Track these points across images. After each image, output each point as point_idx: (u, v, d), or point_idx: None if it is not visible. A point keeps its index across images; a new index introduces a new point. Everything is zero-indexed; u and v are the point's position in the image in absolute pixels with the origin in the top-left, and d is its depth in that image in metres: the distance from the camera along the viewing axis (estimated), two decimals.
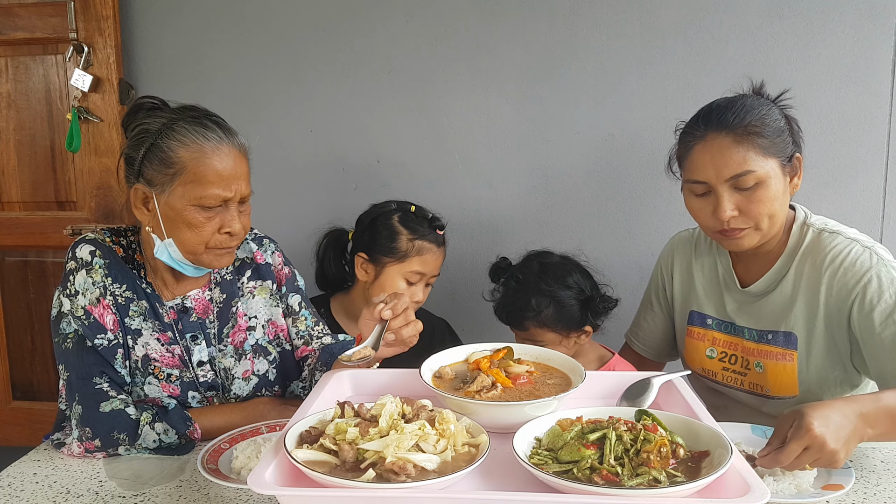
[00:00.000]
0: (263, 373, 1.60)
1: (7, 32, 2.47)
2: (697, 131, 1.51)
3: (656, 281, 1.83)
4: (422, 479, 0.96)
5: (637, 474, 0.97)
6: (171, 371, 1.50)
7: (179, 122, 1.43)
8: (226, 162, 1.43)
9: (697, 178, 1.50)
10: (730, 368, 1.65)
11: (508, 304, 1.78)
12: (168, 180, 1.42)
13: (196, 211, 1.42)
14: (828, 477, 1.24)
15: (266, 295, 1.65)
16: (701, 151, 1.49)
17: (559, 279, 1.76)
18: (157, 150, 1.42)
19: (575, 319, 1.75)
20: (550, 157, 2.30)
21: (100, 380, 1.42)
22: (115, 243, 1.54)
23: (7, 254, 2.68)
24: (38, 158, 2.58)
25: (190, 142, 1.41)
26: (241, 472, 1.25)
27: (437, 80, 2.32)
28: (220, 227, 1.45)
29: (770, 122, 1.48)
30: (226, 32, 2.39)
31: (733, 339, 1.64)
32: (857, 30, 2.10)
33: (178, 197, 1.42)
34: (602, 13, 2.21)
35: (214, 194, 1.42)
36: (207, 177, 1.41)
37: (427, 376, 1.26)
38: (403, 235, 1.87)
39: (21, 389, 2.76)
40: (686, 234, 1.80)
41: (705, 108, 1.55)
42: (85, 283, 1.46)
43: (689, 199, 1.56)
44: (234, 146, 1.46)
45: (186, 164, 1.41)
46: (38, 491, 1.25)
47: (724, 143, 1.46)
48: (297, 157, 2.40)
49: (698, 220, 1.56)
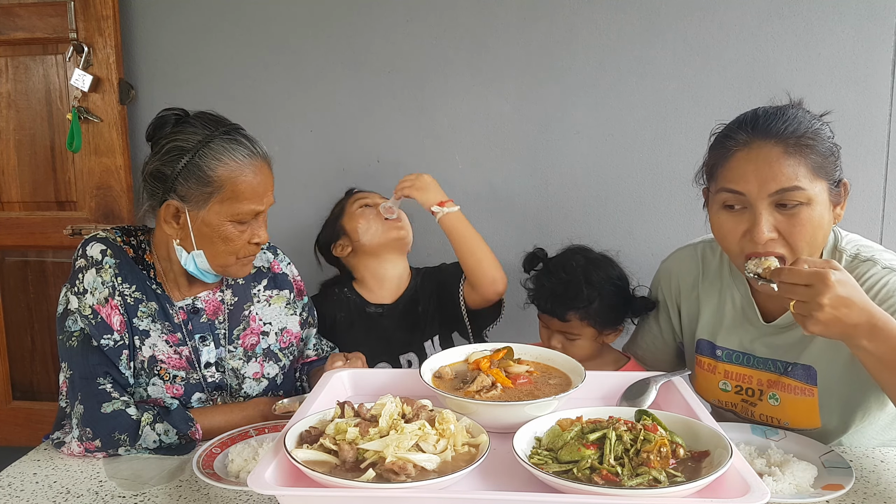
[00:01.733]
0: (273, 376, 1.62)
1: (7, 32, 2.47)
2: (741, 137, 1.34)
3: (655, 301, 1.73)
4: (422, 479, 0.96)
5: (637, 474, 0.97)
6: (178, 373, 1.50)
7: (216, 140, 1.44)
8: (259, 177, 1.47)
9: (736, 189, 1.32)
10: (748, 400, 1.53)
11: (557, 293, 1.71)
12: (205, 198, 1.44)
13: (232, 226, 1.46)
14: (828, 476, 1.23)
15: (282, 303, 1.68)
16: (744, 160, 1.32)
17: (605, 273, 1.74)
18: (195, 168, 1.43)
19: (614, 317, 1.74)
20: (550, 157, 2.30)
21: (103, 380, 1.42)
22: (126, 243, 1.53)
23: (7, 254, 2.68)
24: (38, 158, 2.58)
25: (228, 160, 1.44)
26: (240, 474, 1.25)
27: (437, 80, 2.32)
28: (249, 238, 1.49)
29: (824, 138, 1.32)
30: (226, 32, 2.39)
31: (748, 372, 1.51)
32: (857, 30, 2.10)
33: (215, 214, 1.45)
34: (602, 13, 2.21)
35: (250, 209, 1.46)
36: (245, 193, 1.45)
37: (427, 376, 1.26)
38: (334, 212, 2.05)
39: (21, 389, 2.76)
40: (686, 253, 1.66)
41: (750, 113, 1.38)
42: (94, 282, 1.45)
43: (719, 216, 1.38)
44: (264, 159, 1.49)
45: (224, 183, 1.43)
46: (38, 491, 1.25)
47: (773, 153, 1.29)
48: (297, 157, 2.40)
49: (725, 240, 1.37)
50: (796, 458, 1.27)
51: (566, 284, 1.70)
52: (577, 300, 1.69)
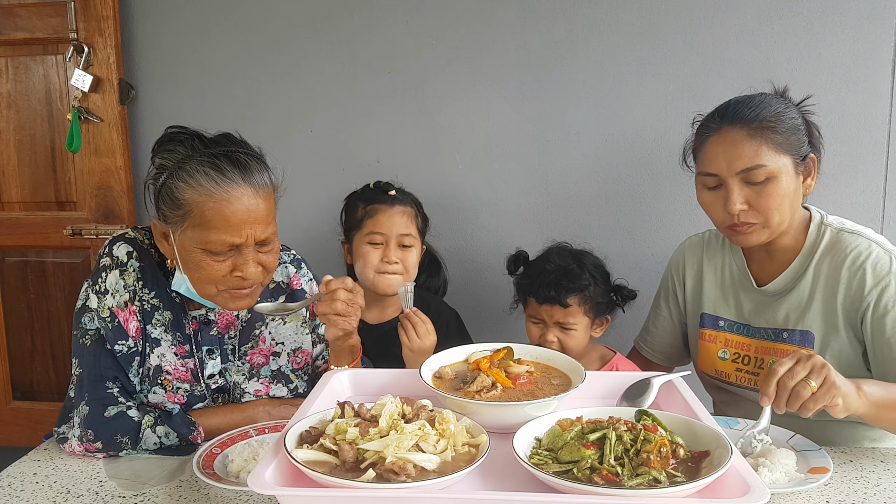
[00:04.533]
0: (279, 398, 1.58)
1: (7, 32, 2.47)
2: (713, 124, 1.52)
3: (666, 286, 1.82)
4: (422, 479, 0.96)
5: (637, 474, 0.97)
6: (181, 385, 1.48)
7: (192, 162, 1.35)
8: (235, 206, 1.33)
9: (709, 171, 1.51)
10: (743, 369, 1.64)
11: (557, 278, 1.75)
12: (179, 220, 1.36)
13: (203, 254, 1.36)
14: (806, 460, 1.28)
15: (298, 322, 1.61)
16: (714, 144, 1.50)
17: (593, 261, 1.82)
18: (168, 189, 1.36)
19: (605, 304, 1.80)
20: (550, 157, 2.30)
21: (112, 384, 1.42)
22: (153, 246, 1.50)
23: (7, 254, 2.68)
24: (38, 158, 2.58)
25: (196, 184, 1.33)
26: (240, 474, 1.25)
27: (437, 80, 2.32)
28: (231, 269, 1.38)
29: (786, 119, 1.49)
30: (226, 32, 2.39)
31: (746, 340, 1.63)
32: (857, 30, 2.10)
33: (189, 238, 1.36)
34: (602, 13, 2.21)
35: (220, 240, 1.34)
36: (213, 222, 1.33)
37: (427, 376, 1.26)
38: (359, 207, 1.96)
39: (21, 389, 2.76)
40: (696, 238, 1.79)
41: (724, 103, 1.56)
42: (116, 284, 1.44)
43: (701, 193, 1.56)
44: (251, 186, 1.36)
45: (193, 208, 1.34)
46: (38, 491, 1.25)
47: (737, 136, 1.47)
48: (297, 157, 2.40)
49: (710, 214, 1.56)
50: (775, 446, 1.29)
51: (564, 270, 1.77)
52: (577, 283, 1.75)
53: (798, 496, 1.20)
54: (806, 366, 1.23)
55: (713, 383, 1.72)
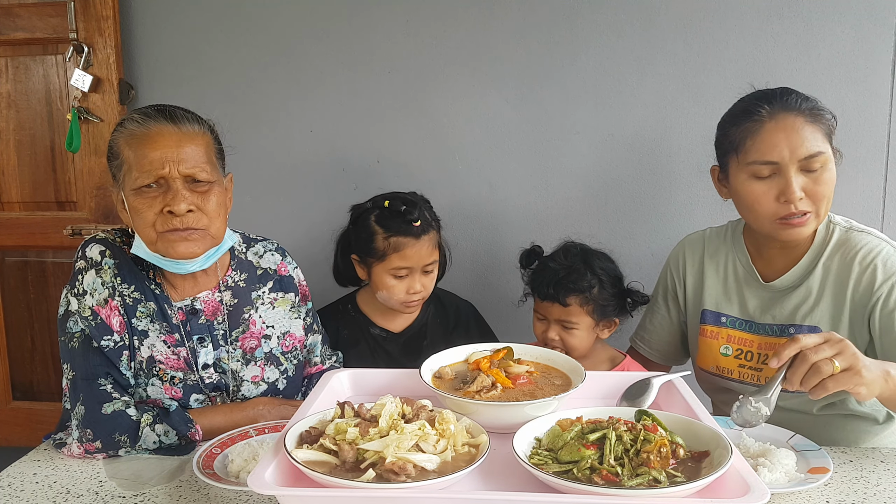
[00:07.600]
0: (273, 381, 1.60)
1: (7, 32, 2.47)
2: (762, 111, 1.49)
3: (664, 283, 1.82)
4: (422, 480, 0.96)
5: (637, 474, 0.97)
6: (175, 374, 1.49)
7: (128, 118, 1.47)
8: (155, 139, 1.42)
9: (768, 159, 1.47)
10: (746, 365, 1.64)
11: (559, 277, 1.75)
12: (118, 171, 1.45)
13: (137, 196, 1.42)
14: (806, 460, 1.28)
15: (287, 307, 1.66)
16: (773, 131, 1.47)
17: (603, 263, 1.80)
18: (110, 147, 1.47)
19: (611, 306, 1.78)
20: (550, 157, 2.30)
21: (104, 381, 1.42)
22: (125, 243, 1.53)
23: (7, 254, 2.68)
24: (38, 158, 2.57)
25: (124, 130, 1.45)
26: (240, 474, 1.25)
27: (437, 80, 2.32)
28: (162, 207, 1.42)
29: (826, 109, 1.50)
30: (226, 32, 2.39)
31: (749, 336, 1.63)
32: (857, 30, 2.10)
33: (127, 187, 1.44)
34: (602, 13, 2.21)
35: (145, 171, 1.41)
36: (137, 158, 1.42)
37: (427, 376, 1.26)
38: (379, 235, 1.84)
39: (21, 389, 2.76)
40: (696, 235, 1.79)
41: (759, 93, 1.54)
42: (94, 284, 1.46)
43: (750, 184, 1.51)
44: (174, 125, 1.45)
45: (122, 150, 1.44)
46: (38, 491, 1.25)
47: (797, 122, 1.46)
48: (297, 157, 2.40)
49: (758, 206, 1.51)
50: (774, 446, 1.29)
51: (568, 269, 1.76)
52: (579, 283, 1.74)
53: (798, 496, 1.20)
54: (835, 346, 1.20)
55: (714, 380, 1.71)
